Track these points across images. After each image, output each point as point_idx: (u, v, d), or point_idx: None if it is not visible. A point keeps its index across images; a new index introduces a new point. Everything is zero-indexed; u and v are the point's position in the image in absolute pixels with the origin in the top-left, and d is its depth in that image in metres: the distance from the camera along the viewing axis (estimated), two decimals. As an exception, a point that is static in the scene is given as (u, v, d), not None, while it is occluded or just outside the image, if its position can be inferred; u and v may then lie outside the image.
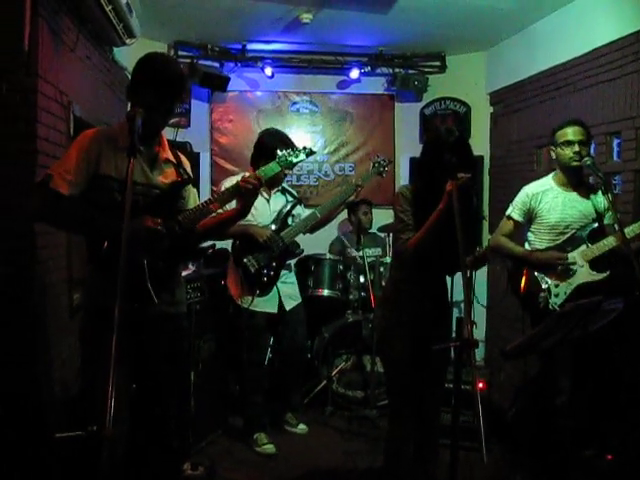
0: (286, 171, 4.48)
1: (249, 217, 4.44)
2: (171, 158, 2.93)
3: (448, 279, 3.19)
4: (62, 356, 3.80)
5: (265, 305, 4.59)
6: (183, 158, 3.04)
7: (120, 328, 1.94)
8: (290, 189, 5.02)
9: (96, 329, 2.62)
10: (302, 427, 4.93)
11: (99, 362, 2.08)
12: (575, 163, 3.77)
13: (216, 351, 4.75)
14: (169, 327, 2.87)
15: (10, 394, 3.18)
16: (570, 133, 3.78)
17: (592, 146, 4.07)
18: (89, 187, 2.71)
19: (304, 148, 3.24)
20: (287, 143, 4.38)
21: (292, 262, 4.87)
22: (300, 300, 4.85)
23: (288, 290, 4.72)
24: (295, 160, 3.14)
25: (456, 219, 2.55)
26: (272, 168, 3.03)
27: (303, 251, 4.81)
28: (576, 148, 3.74)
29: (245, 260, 4.49)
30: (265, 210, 4.64)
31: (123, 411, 2.62)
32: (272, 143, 4.39)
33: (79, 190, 2.68)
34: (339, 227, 6.55)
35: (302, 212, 4.83)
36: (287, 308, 4.69)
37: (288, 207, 4.72)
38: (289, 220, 4.70)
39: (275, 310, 4.62)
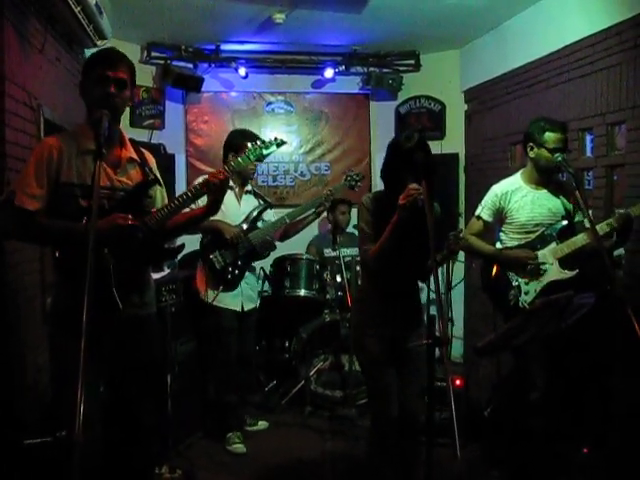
0: (256, 164, 4.61)
1: (219, 215, 4.47)
2: (135, 157, 2.90)
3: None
4: (37, 361, 3.76)
5: (230, 302, 4.58)
6: (148, 155, 3.01)
7: (88, 333, 1.92)
8: (261, 194, 5.04)
9: (64, 334, 2.59)
10: (261, 423, 4.99)
11: (68, 368, 2.05)
12: (556, 169, 3.79)
13: (193, 353, 4.72)
14: (138, 329, 2.84)
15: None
16: (561, 140, 3.73)
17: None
18: (52, 196, 2.67)
19: (275, 139, 3.21)
20: (253, 137, 4.42)
21: (258, 266, 4.91)
22: (256, 305, 4.83)
23: (249, 291, 4.70)
24: (266, 152, 3.13)
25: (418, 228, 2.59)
26: (242, 161, 3.01)
27: (268, 255, 4.84)
28: (564, 155, 3.72)
29: (212, 256, 4.51)
30: (235, 210, 4.62)
31: (94, 416, 2.59)
32: (240, 140, 4.40)
33: (44, 202, 2.66)
34: (319, 226, 6.55)
35: (271, 217, 4.83)
36: (245, 309, 4.65)
37: (259, 209, 4.72)
38: (259, 223, 4.70)
39: (238, 308, 4.61)
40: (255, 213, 4.68)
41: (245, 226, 4.60)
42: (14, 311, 3.51)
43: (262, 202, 4.83)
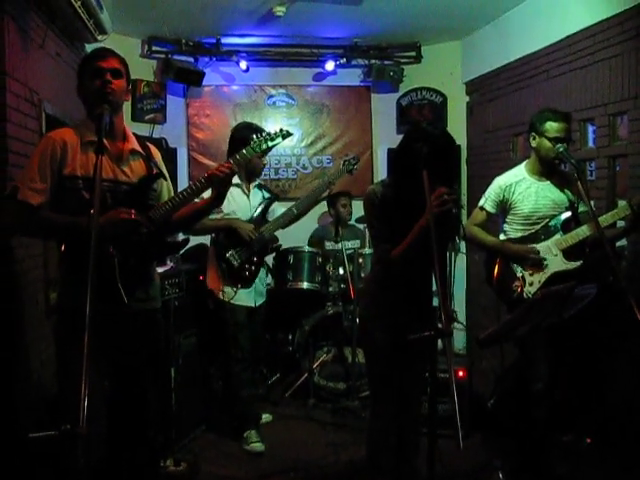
0: (263, 159, 4.54)
1: (229, 210, 4.49)
2: (138, 148, 2.91)
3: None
4: (41, 356, 3.78)
5: (245, 299, 4.57)
6: (153, 150, 3.02)
7: (93, 327, 1.93)
8: (267, 186, 5.03)
9: (69, 329, 2.60)
10: (265, 416, 4.96)
11: (73, 362, 2.07)
12: (551, 157, 3.78)
13: (197, 347, 4.73)
14: (143, 324, 2.86)
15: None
16: (563, 129, 3.72)
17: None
18: (56, 189, 2.69)
19: (280, 130, 3.19)
20: (258, 130, 4.32)
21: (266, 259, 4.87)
22: (265, 299, 4.82)
23: (260, 287, 4.70)
24: (271, 144, 3.11)
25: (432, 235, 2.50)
26: (247, 153, 3.00)
27: (280, 246, 4.81)
28: (565, 146, 3.72)
29: (228, 255, 4.47)
30: (245, 205, 4.61)
31: (99, 410, 2.61)
32: (244, 134, 4.34)
33: (47, 196, 2.68)
34: (319, 219, 6.55)
35: (277, 209, 4.83)
36: (257, 304, 4.66)
37: (265, 203, 4.70)
38: (267, 216, 4.70)
39: (252, 304, 4.61)
40: (264, 207, 4.66)
41: (256, 222, 4.58)
42: (18, 306, 3.52)
43: (267, 194, 4.80)
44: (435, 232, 2.45)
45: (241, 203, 4.58)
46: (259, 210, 4.64)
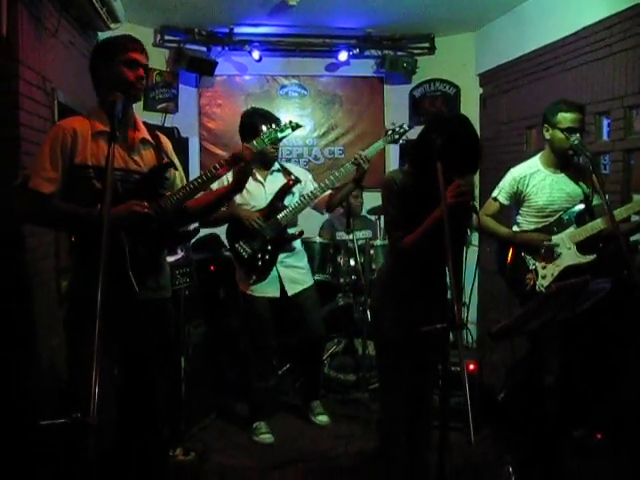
0: (273, 147, 4.39)
1: (243, 201, 4.41)
2: (148, 138, 2.91)
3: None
4: (52, 344, 3.79)
5: (265, 289, 4.46)
6: (164, 139, 3.02)
7: (104, 316, 1.93)
8: (292, 167, 4.80)
9: (80, 318, 2.61)
10: (321, 418, 4.80)
11: (84, 350, 2.07)
12: (570, 151, 3.75)
13: (207, 336, 4.73)
14: (154, 313, 2.86)
15: (-2, 382, 3.18)
16: (576, 120, 3.70)
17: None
18: (67, 178, 2.68)
19: (290, 122, 3.18)
20: (267, 118, 4.22)
21: (298, 245, 4.68)
22: (308, 284, 4.67)
23: (291, 274, 4.56)
24: (281, 135, 3.10)
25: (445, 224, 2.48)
26: (257, 144, 2.98)
27: (302, 233, 4.61)
28: (578, 136, 3.69)
29: (237, 246, 4.38)
30: (259, 193, 4.48)
31: (109, 398, 2.61)
32: (252, 121, 4.28)
33: (59, 185, 2.67)
34: (330, 210, 6.52)
35: (303, 189, 4.60)
36: (290, 293, 4.54)
37: (281, 189, 4.49)
38: (287, 200, 4.50)
39: (277, 294, 4.50)
40: (278, 193, 4.47)
41: (269, 208, 4.44)
42: (29, 294, 3.53)
43: (295, 178, 4.59)
44: (449, 224, 2.43)
45: (254, 192, 4.47)
46: (272, 197, 4.49)
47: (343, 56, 6.72)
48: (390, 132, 4.46)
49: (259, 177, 4.54)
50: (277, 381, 4.82)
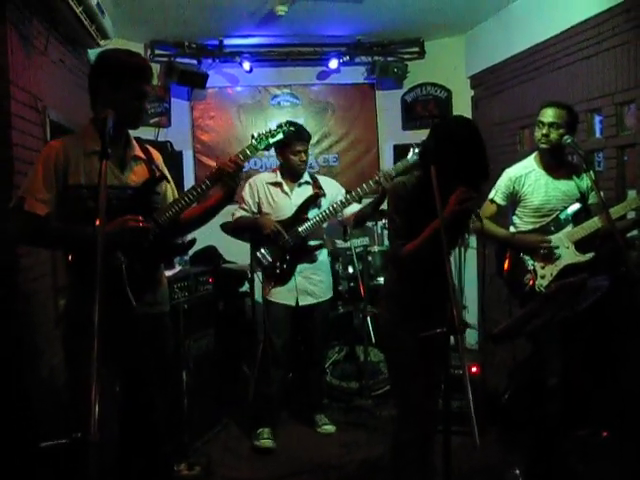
0: (297, 156, 4.49)
1: (270, 211, 4.52)
2: (140, 154, 2.89)
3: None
4: (51, 363, 3.78)
5: (283, 297, 4.56)
6: (154, 153, 2.99)
7: (102, 334, 1.92)
8: (326, 180, 4.81)
9: (78, 336, 2.59)
10: (326, 427, 4.80)
11: (83, 368, 2.06)
12: (542, 145, 3.76)
13: (208, 349, 4.71)
14: (152, 328, 2.84)
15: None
16: (543, 114, 3.76)
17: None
18: (61, 199, 2.67)
19: (280, 125, 3.17)
20: (299, 131, 4.45)
21: (323, 258, 4.70)
22: (323, 299, 4.69)
23: (307, 286, 4.59)
24: (272, 140, 3.10)
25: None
26: (249, 152, 2.98)
27: (322, 245, 4.66)
28: (544, 130, 3.71)
29: (258, 253, 4.49)
30: (286, 204, 4.55)
31: (110, 415, 2.59)
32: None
33: (53, 206, 2.65)
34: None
35: (326, 204, 4.60)
36: (300, 304, 4.58)
37: (305, 200, 4.54)
38: (311, 213, 4.53)
39: (292, 303, 4.57)
40: (302, 204, 4.52)
41: (292, 219, 4.49)
42: (27, 314, 3.52)
43: (320, 191, 4.61)
44: (451, 231, 2.40)
45: (280, 202, 4.55)
46: (296, 208, 4.53)
47: (333, 64, 6.73)
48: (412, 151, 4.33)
49: (286, 188, 4.61)
50: (282, 390, 4.80)
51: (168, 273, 3.79)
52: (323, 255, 4.74)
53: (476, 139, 2.83)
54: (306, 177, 4.68)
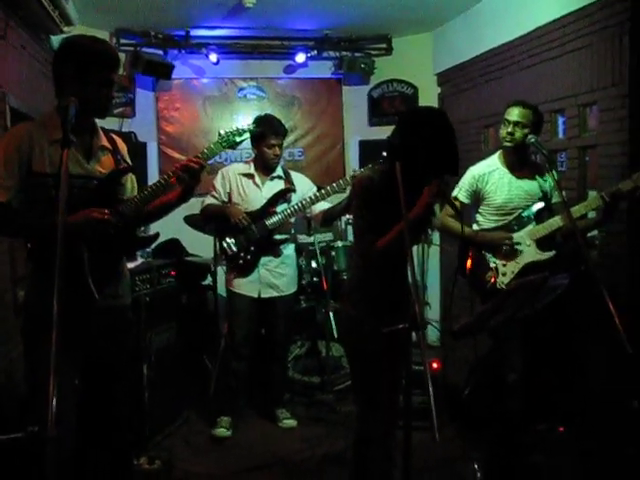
0: (271, 150, 4.48)
1: (240, 202, 4.54)
2: (107, 144, 2.84)
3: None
4: (10, 355, 3.71)
5: (246, 288, 4.58)
6: (119, 143, 2.95)
7: (62, 325, 1.89)
8: (298, 176, 4.84)
9: (38, 327, 2.55)
10: (288, 422, 4.81)
11: (42, 360, 2.02)
12: (507, 143, 3.79)
13: (170, 342, 4.67)
14: (114, 320, 2.81)
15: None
16: (509, 113, 3.79)
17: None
18: (24, 186, 2.61)
19: (248, 125, 3.13)
20: (273, 125, 4.51)
21: (289, 252, 4.74)
22: (286, 293, 4.72)
23: (270, 279, 4.61)
24: (238, 139, 3.08)
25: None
26: (214, 147, 2.97)
27: (287, 240, 4.68)
28: (509, 129, 3.74)
29: (223, 242, 4.52)
30: (256, 196, 4.58)
31: (69, 409, 2.56)
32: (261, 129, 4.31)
33: (15, 193, 2.60)
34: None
35: (295, 199, 4.62)
36: (262, 296, 4.61)
37: (275, 195, 4.56)
38: (280, 207, 4.55)
39: (255, 295, 4.59)
40: (272, 198, 4.54)
41: (260, 212, 4.51)
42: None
43: (291, 187, 4.65)
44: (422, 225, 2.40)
45: (251, 194, 4.58)
46: (265, 201, 4.55)
47: (301, 58, 6.70)
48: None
49: (258, 181, 4.63)
50: (243, 382, 4.79)
51: (130, 265, 3.74)
52: (289, 250, 4.76)
53: (446, 131, 2.73)
54: (279, 171, 4.70)
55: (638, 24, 3.84)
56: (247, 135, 3.11)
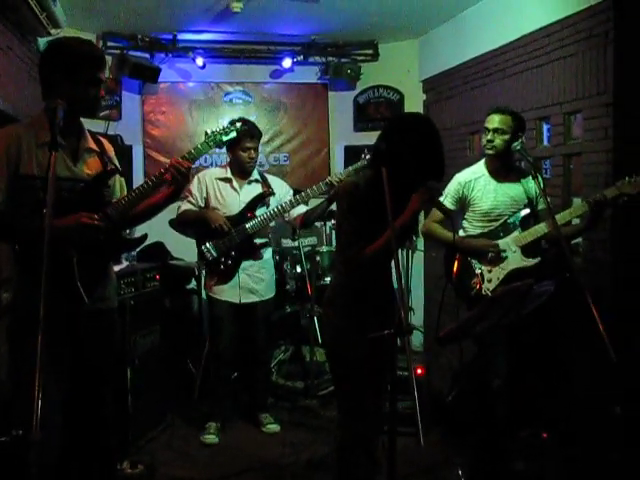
0: (246, 153, 4.47)
1: (217, 206, 4.50)
2: (93, 146, 2.84)
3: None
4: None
5: (227, 294, 4.54)
6: (106, 144, 2.95)
7: (50, 328, 1.88)
8: (275, 180, 4.83)
9: (25, 329, 2.53)
10: (271, 427, 4.76)
11: (28, 363, 2.01)
12: (488, 151, 3.81)
13: (154, 346, 4.65)
14: (101, 323, 2.81)
15: None
16: (488, 120, 3.81)
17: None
18: (11, 189, 2.60)
19: (233, 123, 3.10)
20: (250, 129, 4.48)
21: (267, 256, 4.72)
22: (265, 298, 4.69)
23: (250, 283, 4.58)
24: (226, 138, 3.05)
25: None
26: (201, 148, 2.96)
27: (267, 243, 4.66)
28: (489, 136, 3.77)
29: (203, 247, 4.45)
30: (234, 200, 4.55)
31: (55, 413, 2.54)
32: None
33: (3, 196, 2.59)
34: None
35: (274, 203, 4.60)
36: (243, 301, 4.57)
37: (254, 199, 4.54)
38: (259, 211, 4.53)
39: (236, 300, 4.56)
40: (250, 202, 4.52)
41: (239, 216, 4.48)
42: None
43: (263, 191, 4.61)
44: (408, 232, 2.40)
45: (228, 198, 4.54)
46: (244, 205, 4.53)
47: (287, 63, 6.73)
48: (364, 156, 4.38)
49: (235, 185, 4.60)
50: (227, 387, 4.78)
51: (115, 268, 3.72)
52: (268, 253, 4.75)
53: (432, 138, 2.74)
54: (256, 175, 4.69)
55: (622, 33, 3.89)
56: (234, 134, 3.09)
